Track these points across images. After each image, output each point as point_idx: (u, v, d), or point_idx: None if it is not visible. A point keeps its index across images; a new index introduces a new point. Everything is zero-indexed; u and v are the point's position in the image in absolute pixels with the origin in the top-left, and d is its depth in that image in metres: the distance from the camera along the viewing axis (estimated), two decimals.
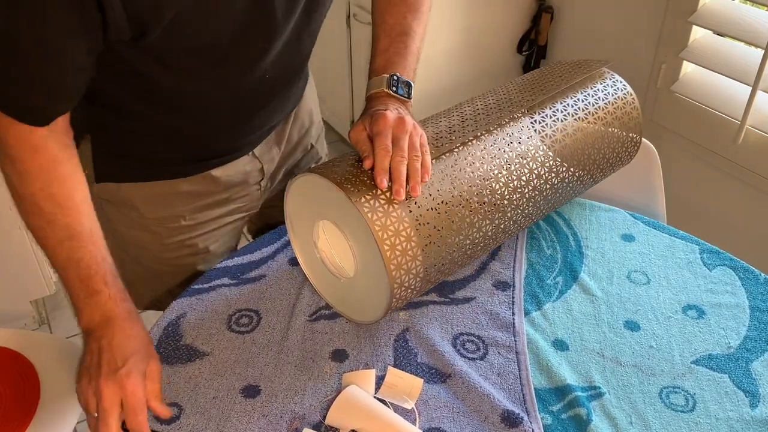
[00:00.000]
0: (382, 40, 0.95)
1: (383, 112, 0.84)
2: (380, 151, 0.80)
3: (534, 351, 0.86)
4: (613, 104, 1.00)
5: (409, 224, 0.78)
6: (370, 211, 0.77)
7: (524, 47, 2.38)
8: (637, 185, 1.25)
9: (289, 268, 0.98)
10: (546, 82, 1.00)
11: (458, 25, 2.22)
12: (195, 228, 1.06)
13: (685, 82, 1.85)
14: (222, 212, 1.07)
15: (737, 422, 0.78)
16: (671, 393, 0.81)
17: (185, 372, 0.83)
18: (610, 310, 0.93)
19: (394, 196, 0.78)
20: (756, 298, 0.94)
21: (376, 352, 0.86)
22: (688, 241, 1.05)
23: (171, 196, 1.02)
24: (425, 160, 0.81)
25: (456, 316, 0.91)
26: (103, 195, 1.00)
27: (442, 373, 0.83)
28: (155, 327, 0.89)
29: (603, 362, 0.85)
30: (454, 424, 0.77)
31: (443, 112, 0.95)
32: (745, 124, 1.66)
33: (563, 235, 1.06)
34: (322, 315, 0.91)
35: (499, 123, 0.91)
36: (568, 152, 0.94)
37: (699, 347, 0.87)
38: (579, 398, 0.80)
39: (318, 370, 0.83)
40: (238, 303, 0.92)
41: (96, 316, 0.78)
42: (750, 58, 1.65)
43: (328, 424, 0.77)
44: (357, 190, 0.78)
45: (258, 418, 0.77)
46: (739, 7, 1.67)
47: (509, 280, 0.97)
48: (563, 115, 0.95)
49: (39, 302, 2.01)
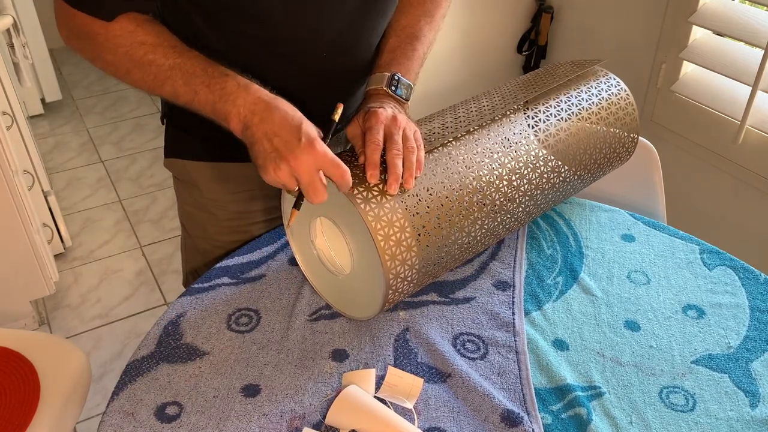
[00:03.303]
0: (392, 39, 0.97)
1: (377, 109, 0.85)
2: (370, 145, 0.81)
3: (534, 351, 0.86)
4: (608, 100, 1.01)
5: (403, 215, 0.79)
6: (363, 202, 0.77)
7: (524, 47, 2.39)
8: (637, 185, 1.25)
9: (289, 268, 0.98)
10: (539, 82, 1.00)
11: (458, 25, 2.22)
12: (250, 215, 1.08)
13: (685, 82, 1.85)
14: (278, 204, 1.07)
15: (737, 422, 0.78)
16: (671, 393, 0.81)
17: (185, 371, 0.83)
18: (610, 310, 0.93)
19: (388, 188, 0.79)
20: (756, 298, 0.94)
21: (376, 351, 0.86)
22: (688, 241, 1.05)
23: (232, 179, 1.05)
24: (419, 155, 0.82)
25: (456, 315, 0.91)
26: (171, 170, 1.06)
27: (442, 372, 0.83)
28: (155, 326, 0.89)
29: (603, 362, 0.85)
30: (454, 424, 0.77)
31: (437, 113, 0.95)
32: (745, 124, 1.66)
33: (563, 235, 1.06)
34: (322, 315, 0.91)
35: (492, 119, 0.92)
36: (561, 147, 0.94)
37: (699, 347, 0.87)
38: (579, 398, 0.80)
39: (318, 370, 0.83)
40: (238, 302, 0.92)
41: (242, 105, 0.79)
42: (750, 58, 1.65)
43: (328, 424, 0.77)
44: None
45: (258, 417, 0.77)
46: (739, 7, 1.67)
47: (509, 280, 0.97)
48: (556, 111, 0.96)
49: (39, 302, 2.01)
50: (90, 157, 2.79)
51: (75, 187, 2.61)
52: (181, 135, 1.05)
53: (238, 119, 0.80)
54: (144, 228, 2.40)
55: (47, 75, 2.95)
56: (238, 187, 1.06)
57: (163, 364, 0.83)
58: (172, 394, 0.80)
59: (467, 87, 2.35)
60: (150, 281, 2.17)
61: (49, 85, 2.99)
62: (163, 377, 0.82)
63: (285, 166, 0.76)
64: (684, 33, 1.80)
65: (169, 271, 2.21)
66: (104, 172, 2.71)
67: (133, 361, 0.84)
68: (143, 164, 2.75)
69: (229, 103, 0.80)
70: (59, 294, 2.10)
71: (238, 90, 0.80)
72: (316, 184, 0.76)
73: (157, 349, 0.85)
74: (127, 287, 2.15)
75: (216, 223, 1.07)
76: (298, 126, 0.77)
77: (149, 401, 0.79)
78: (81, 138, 2.92)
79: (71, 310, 2.06)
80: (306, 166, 0.75)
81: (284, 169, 0.76)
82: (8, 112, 1.84)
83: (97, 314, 2.04)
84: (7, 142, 1.65)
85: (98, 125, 3.01)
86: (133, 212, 2.48)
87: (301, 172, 0.75)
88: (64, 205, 2.49)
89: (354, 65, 0.98)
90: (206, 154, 1.04)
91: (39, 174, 2.02)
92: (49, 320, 2.01)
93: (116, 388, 0.81)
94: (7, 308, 1.86)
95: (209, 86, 0.81)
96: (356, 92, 1.03)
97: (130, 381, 0.81)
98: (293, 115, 0.79)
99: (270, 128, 0.77)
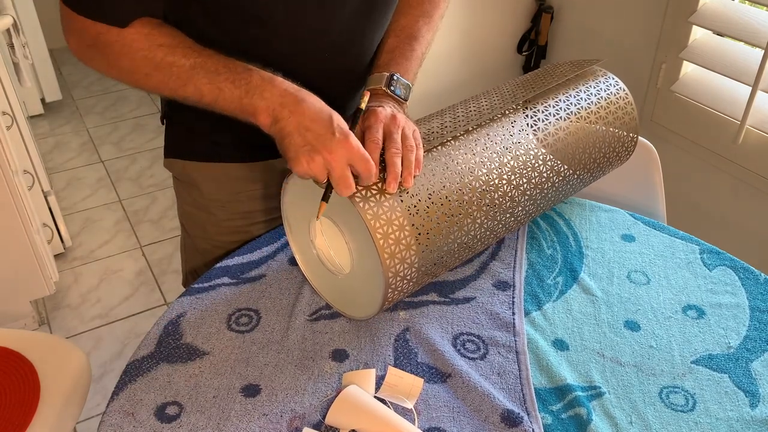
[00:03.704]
0: (391, 40, 0.97)
1: (375, 109, 0.85)
2: (369, 144, 0.81)
3: (534, 351, 0.86)
4: (607, 100, 1.01)
5: (402, 214, 0.79)
6: (362, 201, 0.78)
7: (524, 47, 2.39)
8: (637, 185, 1.25)
9: (288, 268, 0.98)
10: (539, 81, 1.00)
11: (458, 25, 2.22)
12: (251, 215, 1.08)
13: (685, 82, 1.85)
14: (278, 205, 1.07)
15: (737, 422, 0.78)
16: (671, 393, 0.81)
17: (185, 371, 0.83)
18: (610, 310, 0.93)
19: (387, 187, 0.79)
20: (756, 298, 0.94)
21: (376, 351, 0.86)
22: (688, 241, 1.05)
23: (231, 180, 1.05)
24: (418, 154, 0.82)
25: (456, 315, 0.91)
26: (170, 170, 1.06)
27: (442, 372, 0.83)
28: (155, 326, 0.89)
29: (603, 362, 0.85)
30: (454, 424, 0.77)
31: (436, 113, 0.95)
32: (745, 124, 1.66)
33: (563, 235, 1.06)
34: (322, 315, 0.91)
35: (491, 118, 0.92)
36: (560, 146, 0.94)
37: (699, 347, 0.87)
38: (579, 398, 0.80)
39: (318, 370, 0.83)
40: (238, 302, 0.92)
41: (270, 98, 0.80)
42: (750, 58, 1.65)
43: (328, 424, 0.77)
44: None
45: (258, 417, 0.77)
46: (739, 7, 1.67)
47: (509, 280, 0.97)
48: (556, 110, 0.96)
49: (39, 302, 2.01)
50: (90, 157, 2.79)
51: (75, 187, 2.61)
52: (180, 135, 1.05)
53: (267, 113, 0.80)
54: (144, 228, 2.41)
55: (47, 75, 2.95)
56: (237, 188, 1.06)
57: (163, 364, 0.83)
58: (172, 394, 0.80)
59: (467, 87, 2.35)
60: (150, 281, 2.17)
61: (49, 85, 2.99)
62: (163, 377, 0.82)
63: (319, 159, 0.77)
64: (684, 33, 1.80)
65: (169, 271, 2.21)
66: (104, 172, 2.71)
67: (133, 361, 0.84)
68: (143, 164, 2.75)
69: (256, 96, 0.80)
70: (59, 294, 2.10)
71: (263, 83, 0.80)
72: (347, 177, 0.77)
73: (157, 349, 0.85)
74: (127, 287, 2.15)
75: (215, 223, 1.07)
76: (329, 119, 0.78)
77: (149, 401, 0.79)
78: (81, 138, 2.92)
79: (71, 310, 2.06)
80: (340, 159, 0.76)
81: (318, 162, 0.77)
82: (8, 112, 1.84)
83: (97, 314, 2.04)
84: (7, 142, 1.65)
85: (98, 125, 3.01)
86: (133, 212, 2.48)
87: (335, 165, 0.76)
88: (64, 205, 2.49)
89: (355, 65, 0.98)
90: (206, 155, 1.03)
91: (39, 174, 2.02)
92: (49, 320, 2.01)
93: (116, 388, 0.81)
94: (7, 308, 1.86)
95: (234, 82, 0.81)
96: (356, 92, 1.03)
97: (130, 381, 0.81)
98: (322, 108, 0.80)
99: (301, 121, 0.78)
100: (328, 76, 0.96)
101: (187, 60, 0.81)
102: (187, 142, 1.05)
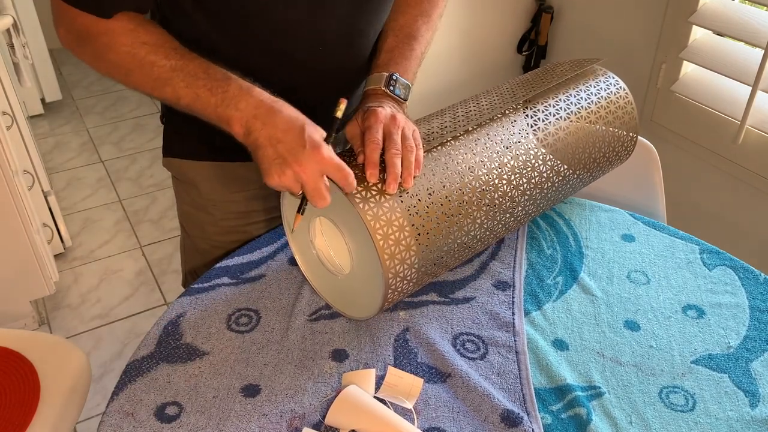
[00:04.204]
0: (390, 39, 0.97)
1: (375, 109, 0.85)
2: (369, 144, 0.81)
3: (534, 351, 0.86)
4: (607, 99, 1.01)
5: (402, 214, 0.79)
6: (362, 201, 0.77)
7: (524, 47, 2.38)
8: (637, 185, 1.25)
9: (288, 268, 0.98)
10: (538, 81, 1.00)
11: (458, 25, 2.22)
12: (249, 215, 1.08)
13: (685, 82, 1.85)
14: (277, 204, 1.07)
15: (737, 422, 0.78)
16: (671, 393, 0.81)
17: (185, 371, 0.83)
18: (610, 310, 0.93)
19: (387, 188, 0.79)
20: (756, 298, 0.94)
21: (376, 351, 0.86)
22: (688, 241, 1.05)
23: (229, 179, 1.04)
24: (418, 154, 0.82)
25: (456, 315, 0.91)
26: (169, 169, 1.06)
27: (442, 372, 0.83)
28: (155, 326, 0.89)
29: (603, 362, 0.85)
30: (454, 424, 0.77)
31: (436, 113, 0.95)
32: (745, 124, 1.66)
33: (563, 235, 1.06)
34: (322, 315, 0.91)
35: (491, 118, 0.92)
36: (560, 146, 0.94)
37: (699, 347, 0.87)
38: (579, 398, 0.80)
39: (318, 370, 0.83)
40: (237, 302, 0.92)
41: (245, 109, 0.79)
42: (750, 58, 1.65)
43: (327, 424, 0.77)
44: None
45: (258, 417, 0.77)
46: (739, 7, 1.67)
47: (509, 280, 0.97)
48: (555, 110, 0.96)
49: (39, 302, 2.01)
50: (90, 157, 2.79)
51: (75, 187, 2.61)
52: (179, 134, 1.05)
53: (241, 124, 0.80)
54: (144, 228, 2.41)
55: (47, 75, 2.95)
56: (237, 187, 1.06)
57: (162, 364, 0.83)
58: (172, 394, 0.80)
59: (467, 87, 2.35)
60: (150, 281, 2.17)
61: (49, 85, 2.99)
62: (163, 377, 0.82)
63: (290, 172, 0.76)
64: (684, 33, 1.80)
65: (169, 271, 2.21)
66: (104, 172, 2.71)
67: (133, 361, 0.84)
68: (143, 164, 2.75)
69: (231, 107, 0.80)
70: (59, 294, 2.10)
71: (240, 93, 0.80)
72: (320, 189, 0.76)
73: (156, 349, 0.85)
74: (127, 287, 2.15)
75: (215, 223, 1.07)
76: (301, 130, 0.77)
77: (149, 401, 0.79)
78: (81, 138, 2.92)
79: (71, 310, 2.06)
80: (311, 172, 0.76)
81: (289, 175, 0.77)
82: (8, 112, 1.84)
83: (97, 314, 2.04)
84: (7, 142, 1.65)
85: (98, 125, 3.01)
86: (133, 212, 2.48)
87: (306, 178, 0.76)
88: (64, 205, 2.49)
89: (352, 63, 0.98)
90: (205, 154, 1.03)
91: (39, 174, 2.02)
92: (49, 320, 2.01)
93: (116, 388, 0.81)
94: (7, 308, 1.86)
95: (211, 89, 0.81)
96: (355, 91, 1.03)
97: (130, 381, 0.81)
98: (296, 119, 0.79)
99: (273, 133, 0.78)
100: (326, 74, 0.96)
101: (168, 61, 0.81)
102: (185, 141, 1.05)
